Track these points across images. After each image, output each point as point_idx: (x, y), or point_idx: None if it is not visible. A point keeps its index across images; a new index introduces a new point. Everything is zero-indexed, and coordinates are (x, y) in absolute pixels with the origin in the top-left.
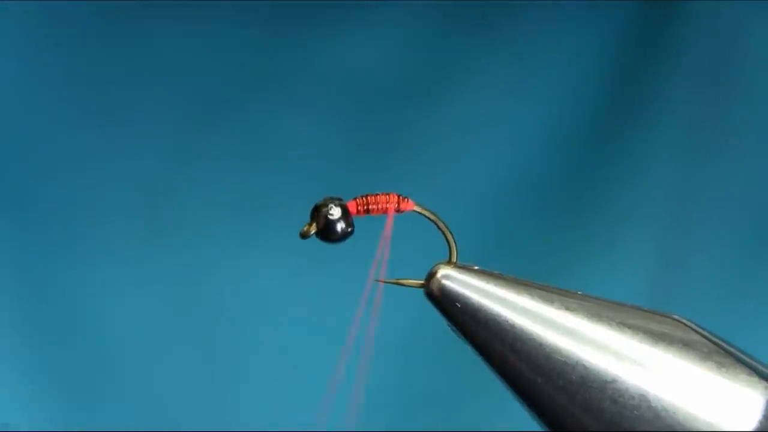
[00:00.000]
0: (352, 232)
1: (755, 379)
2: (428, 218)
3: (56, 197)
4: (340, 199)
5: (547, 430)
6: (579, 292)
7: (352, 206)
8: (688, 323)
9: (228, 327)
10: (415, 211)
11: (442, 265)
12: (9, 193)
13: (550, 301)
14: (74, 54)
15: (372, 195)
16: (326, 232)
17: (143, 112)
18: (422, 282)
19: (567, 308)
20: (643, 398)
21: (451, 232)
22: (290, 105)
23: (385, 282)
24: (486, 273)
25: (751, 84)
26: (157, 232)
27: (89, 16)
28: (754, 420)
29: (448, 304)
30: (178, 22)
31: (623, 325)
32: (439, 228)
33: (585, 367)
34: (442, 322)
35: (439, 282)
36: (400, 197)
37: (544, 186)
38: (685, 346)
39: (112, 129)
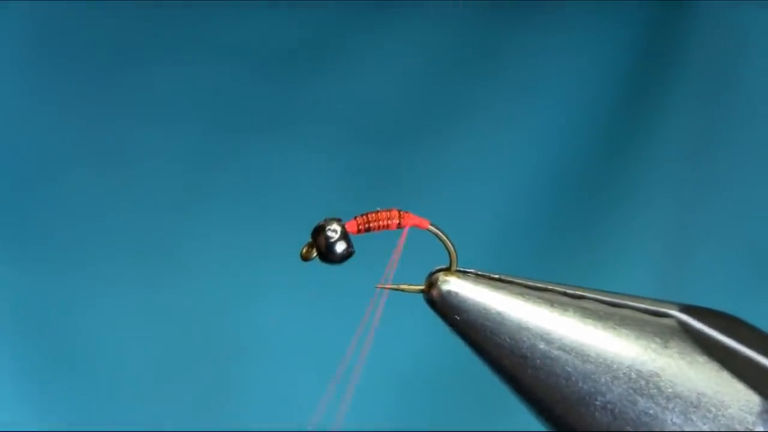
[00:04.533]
0: (353, 252)
1: (748, 393)
2: (431, 231)
3: (60, 235)
4: (339, 220)
5: (548, 429)
6: (579, 291)
7: (352, 226)
8: (688, 321)
9: (232, 355)
10: (415, 225)
11: (441, 273)
12: (13, 230)
13: (550, 306)
14: (78, 94)
15: (372, 212)
16: (327, 253)
17: (148, 149)
18: (422, 287)
19: (564, 313)
20: (633, 409)
21: (450, 241)
22: (294, 144)
23: (386, 287)
24: (486, 278)
25: (760, 83)
26: (162, 262)
27: (91, 56)
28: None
29: (448, 312)
30: (181, 65)
31: (618, 331)
32: (439, 239)
33: (580, 376)
34: (443, 324)
35: (439, 291)
36: (401, 212)
37: (555, 189)
38: (678, 354)
39: (117, 165)
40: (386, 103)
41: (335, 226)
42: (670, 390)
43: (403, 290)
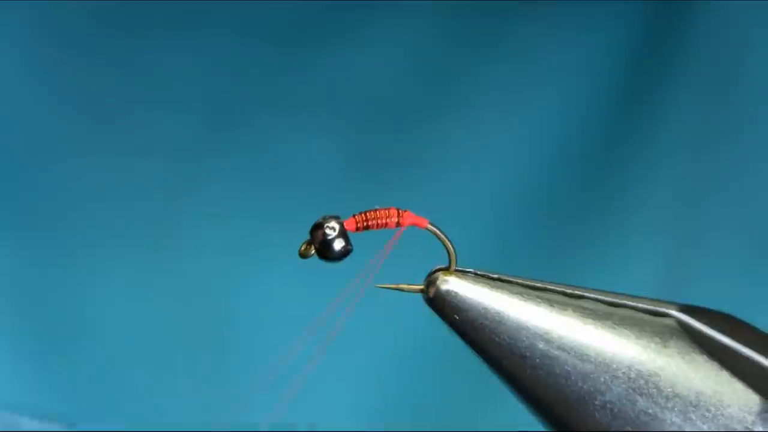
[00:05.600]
0: (351, 250)
1: (748, 392)
2: (429, 230)
3: (60, 218)
4: (337, 217)
5: (548, 429)
6: (578, 290)
7: (350, 223)
8: (687, 321)
9: (231, 338)
10: (414, 224)
11: (441, 273)
12: (13, 210)
13: (549, 305)
14: (80, 79)
15: (371, 210)
16: (325, 251)
17: (149, 133)
18: (421, 287)
19: (563, 313)
20: (632, 407)
21: (449, 240)
22: (294, 130)
23: (385, 287)
24: (485, 277)
25: (761, 78)
26: (162, 245)
27: (93, 42)
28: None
29: (447, 312)
30: (182, 50)
31: (617, 330)
32: (438, 238)
33: (579, 376)
34: (442, 323)
35: (438, 290)
36: (399, 210)
37: (556, 183)
38: (678, 354)
39: (117, 148)
40: (386, 91)
41: (333, 224)
42: (669, 389)
43: (402, 290)
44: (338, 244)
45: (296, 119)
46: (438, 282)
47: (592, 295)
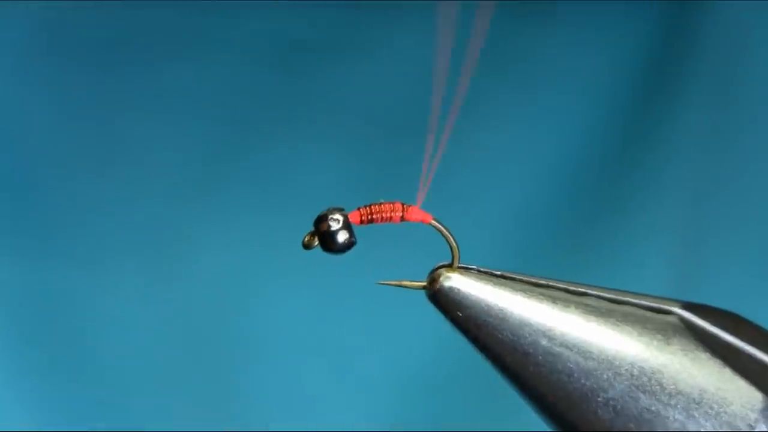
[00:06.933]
0: (354, 243)
1: (751, 390)
2: (433, 226)
3: (66, 232)
4: (342, 209)
5: (551, 426)
6: (581, 288)
7: (354, 216)
8: (691, 318)
9: (237, 347)
10: (418, 219)
11: (444, 270)
12: (19, 227)
13: (552, 303)
14: (86, 91)
15: (376, 204)
16: (328, 242)
17: (156, 146)
18: (424, 284)
19: (566, 310)
20: (635, 404)
21: (453, 236)
22: (304, 137)
23: (387, 284)
24: (488, 274)
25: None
26: (168, 258)
27: (100, 54)
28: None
29: (450, 309)
30: (189, 60)
31: (620, 327)
32: (442, 234)
33: (582, 373)
34: (445, 321)
35: (441, 287)
36: (404, 205)
37: (565, 185)
38: (681, 351)
39: (124, 161)
40: (397, 96)
41: (338, 216)
42: (672, 387)
43: (405, 287)
44: (342, 236)
45: (306, 130)
46: (441, 279)
47: (594, 293)
